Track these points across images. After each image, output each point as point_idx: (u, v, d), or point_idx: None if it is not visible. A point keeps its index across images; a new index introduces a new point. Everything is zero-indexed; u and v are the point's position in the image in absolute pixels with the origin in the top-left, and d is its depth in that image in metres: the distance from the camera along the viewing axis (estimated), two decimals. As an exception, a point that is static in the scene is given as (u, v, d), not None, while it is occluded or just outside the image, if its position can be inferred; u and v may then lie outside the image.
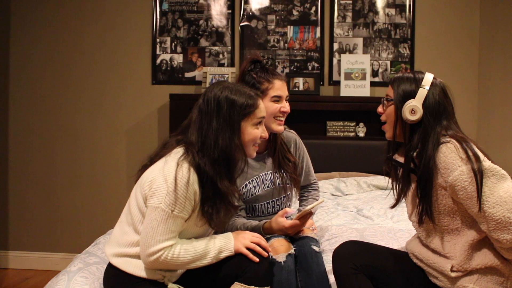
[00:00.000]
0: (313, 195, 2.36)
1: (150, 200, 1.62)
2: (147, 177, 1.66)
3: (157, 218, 1.59)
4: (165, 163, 1.64)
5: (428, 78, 1.72)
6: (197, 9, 3.80)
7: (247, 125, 1.72)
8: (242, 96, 1.70)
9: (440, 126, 1.68)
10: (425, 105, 1.68)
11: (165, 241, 1.59)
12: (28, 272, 3.76)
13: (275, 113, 2.02)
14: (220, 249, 1.68)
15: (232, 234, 1.74)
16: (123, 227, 1.74)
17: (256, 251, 1.71)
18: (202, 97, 1.73)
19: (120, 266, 1.68)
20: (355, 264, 1.73)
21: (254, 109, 1.72)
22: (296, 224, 1.97)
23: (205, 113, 1.68)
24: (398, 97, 1.72)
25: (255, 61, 2.09)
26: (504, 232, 1.51)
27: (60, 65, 3.84)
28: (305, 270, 1.90)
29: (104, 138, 3.84)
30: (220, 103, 1.68)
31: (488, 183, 1.54)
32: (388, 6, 3.73)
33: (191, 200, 1.62)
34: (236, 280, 1.69)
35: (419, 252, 1.75)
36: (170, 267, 1.65)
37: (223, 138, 1.65)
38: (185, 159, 1.63)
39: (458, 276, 1.62)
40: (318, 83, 3.68)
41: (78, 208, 3.86)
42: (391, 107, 1.75)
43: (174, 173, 1.59)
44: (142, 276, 1.66)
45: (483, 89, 3.67)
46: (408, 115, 1.68)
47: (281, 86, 2.04)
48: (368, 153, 3.46)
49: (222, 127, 1.66)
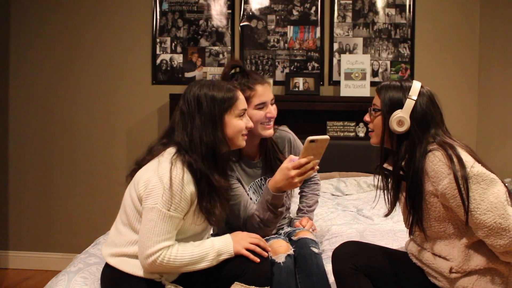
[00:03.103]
0: (313, 189, 2.33)
1: (145, 201, 1.62)
2: (141, 178, 1.66)
3: (153, 218, 1.59)
4: (159, 163, 1.65)
5: (415, 87, 1.69)
6: (197, 9, 3.80)
7: (230, 118, 1.73)
8: (221, 90, 1.73)
9: (428, 135, 1.66)
10: (412, 116, 1.66)
11: (162, 241, 1.59)
12: (28, 272, 3.76)
13: (261, 120, 1.97)
14: (219, 252, 1.68)
15: (230, 236, 1.74)
16: (119, 227, 1.74)
17: (256, 252, 1.70)
18: (182, 98, 1.75)
19: (117, 265, 1.68)
20: (354, 264, 1.72)
21: (235, 101, 1.74)
22: (301, 164, 1.79)
23: (187, 113, 1.70)
24: (385, 107, 1.70)
25: (235, 66, 2.04)
26: (497, 238, 1.50)
27: (60, 64, 3.83)
28: (304, 272, 1.89)
29: (104, 138, 3.84)
30: (200, 101, 1.70)
31: (478, 189, 1.53)
32: (388, 6, 3.73)
33: (187, 200, 1.62)
34: (236, 280, 1.69)
35: (418, 253, 1.75)
36: (169, 270, 1.64)
37: (206, 134, 1.67)
38: (178, 158, 1.64)
39: (457, 277, 1.62)
40: (318, 83, 3.68)
41: (78, 208, 3.85)
42: (378, 118, 1.74)
43: (169, 172, 1.60)
44: (139, 275, 1.66)
45: (483, 88, 3.67)
46: (395, 127, 1.67)
47: (264, 91, 1.97)
48: (368, 153, 3.42)
49: (205, 123, 1.68)
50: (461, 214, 1.56)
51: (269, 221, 1.91)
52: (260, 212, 1.91)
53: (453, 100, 3.68)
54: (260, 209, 1.91)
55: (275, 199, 1.86)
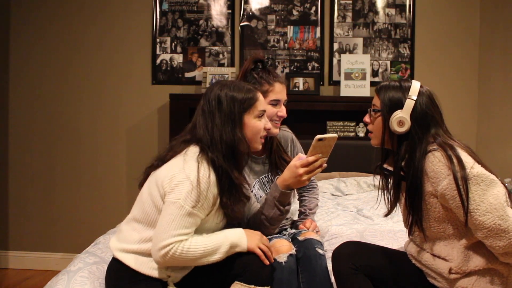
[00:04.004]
0: (312, 193, 2.34)
1: (169, 195, 1.62)
2: (166, 175, 1.66)
3: (173, 212, 1.60)
4: (184, 162, 1.66)
5: (415, 86, 1.69)
6: (197, 9, 3.80)
7: (249, 118, 1.76)
8: (241, 91, 1.76)
9: (428, 135, 1.66)
10: (413, 116, 1.66)
11: (177, 235, 1.59)
12: (28, 272, 3.76)
13: (272, 117, 2.02)
14: (233, 244, 1.68)
15: (243, 231, 1.74)
16: (133, 224, 1.74)
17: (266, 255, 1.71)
18: (203, 98, 1.79)
19: (126, 261, 1.69)
20: (354, 264, 1.73)
21: (254, 102, 1.77)
22: (309, 162, 1.81)
23: (208, 112, 1.74)
24: (385, 107, 1.70)
25: (258, 61, 2.09)
26: (496, 239, 1.50)
27: (60, 64, 3.84)
28: (308, 272, 1.89)
29: (104, 138, 3.84)
30: (221, 100, 1.74)
31: (477, 190, 1.52)
32: (388, 6, 3.73)
33: (210, 200, 1.64)
34: (236, 280, 1.69)
35: (417, 254, 1.75)
36: (181, 263, 1.64)
37: (226, 132, 1.70)
38: (203, 157, 1.67)
39: (456, 278, 1.62)
40: (318, 83, 3.68)
41: (78, 208, 3.86)
42: (378, 118, 1.74)
43: (196, 171, 1.62)
44: (147, 273, 1.66)
45: (483, 89, 3.67)
46: (396, 127, 1.67)
47: (281, 89, 2.03)
48: (368, 153, 3.42)
49: (225, 122, 1.72)
50: (461, 215, 1.56)
51: (274, 219, 1.91)
52: (265, 209, 1.91)
53: (453, 100, 3.68)
54: (265, 207, 1.92)
55: (282, 196, 1.87)
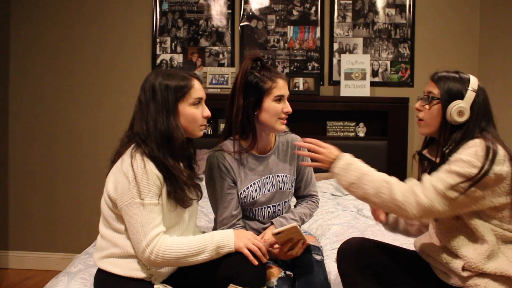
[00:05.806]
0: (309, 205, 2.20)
1: (121, 201, 1.64)
2: (109, 180, 1.70)
3: (134, 212, 1.61)
4: (122, 162, 1.68)
5: (474, 80, 1.70)
6: (197, 9, 3.80)
7: (184, 106, 1.74)
8: (175, 78, 1.74)
9: (480, 128, 1.67)
10: (472, 108, 1.67)
11: (150, 230, 1.61)
12: (28, 272, 3.77)
13: (279, 113, 2.01)
14: (220, 244, 1.67)
15: (233, 231, 1.73)
16: (102, 231, 1.76)
17: (256, 255, 1.69)
18: (140, 89, 1.77)
19: (106, 268, 1.70)
20: (360, 261, 1.72)
21: (189, 89, 1.74)
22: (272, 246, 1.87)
23: (145, 103, 1.73)
24: (445, 96, 1.68)
25: (256, 59, 2.08)
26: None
27: (60, 65, 3.83)
28: (305, 280, 1.89)
29: (105, 138, 3.84)
30: (155, 89, 1.72)
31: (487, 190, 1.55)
32: (388, 6, 3.73)
33: (155, 183, 1.64)
34: (231, 282, 1.67)
35: (430, 249, 1.73)
36: (171, 262, 1.65)
37: (160, 121, 1.69)
38: (137, 151, 1.67)
39: (470, 275, 1.61)
40: (318, 83, 3.67)
41: (78, 208, 3.86)
42: (436, 106, 1.71)
43: (131, 166, 1.63)
44: (128, 275, 1.66)
45: (483, 89, 3.66)
46: (455, 117, 1.66)
47: (284, 85, 2.03)
48: (368, 153, 3.45)
49: (159, 111, 1.70)
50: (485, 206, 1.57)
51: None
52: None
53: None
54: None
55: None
